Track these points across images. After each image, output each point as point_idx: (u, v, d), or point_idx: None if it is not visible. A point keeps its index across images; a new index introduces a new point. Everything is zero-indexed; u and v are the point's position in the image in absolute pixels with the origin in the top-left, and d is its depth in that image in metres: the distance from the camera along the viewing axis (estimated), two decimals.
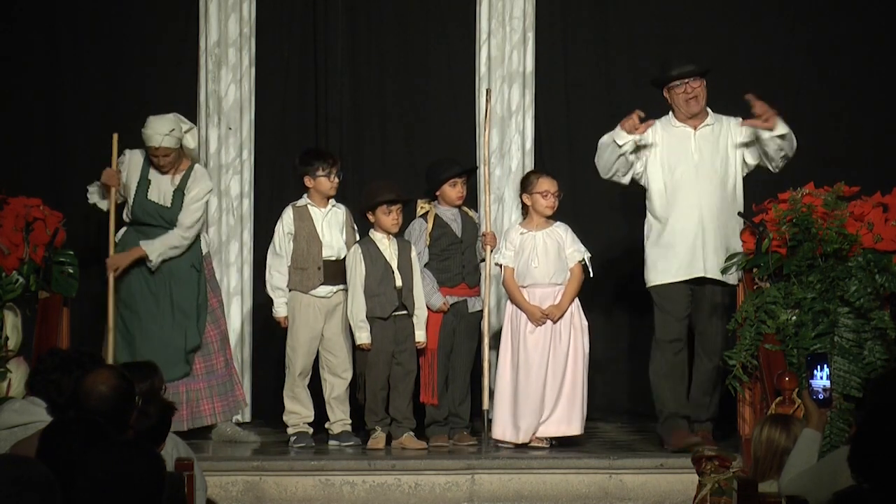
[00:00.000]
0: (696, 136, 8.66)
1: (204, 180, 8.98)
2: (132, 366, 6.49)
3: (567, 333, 8.74)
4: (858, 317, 8.03)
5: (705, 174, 8.59)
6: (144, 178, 8.95)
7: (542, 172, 9.04)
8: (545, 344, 8.72)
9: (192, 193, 8.91)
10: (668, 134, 8.68)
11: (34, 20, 9.79)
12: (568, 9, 9.92)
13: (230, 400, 9.01)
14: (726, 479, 6.32)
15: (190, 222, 8.91)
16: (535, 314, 8.73)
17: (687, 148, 8.64)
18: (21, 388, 7.67)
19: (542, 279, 8.77)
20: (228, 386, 9.01)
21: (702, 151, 8.63)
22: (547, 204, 8.81)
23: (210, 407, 8.94)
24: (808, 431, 5.41)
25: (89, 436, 4.65)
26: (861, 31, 9.78)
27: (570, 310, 8.77)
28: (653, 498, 8.24)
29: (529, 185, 8.86)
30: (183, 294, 8.90)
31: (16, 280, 8.41)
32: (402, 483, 8.29)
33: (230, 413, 9.05)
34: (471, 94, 9.75)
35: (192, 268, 8.95)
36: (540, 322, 8.72)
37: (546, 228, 8.85)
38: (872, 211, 8.23)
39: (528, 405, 8.67)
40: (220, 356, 8.98)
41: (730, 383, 8.21)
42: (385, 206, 8.84)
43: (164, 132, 8.80)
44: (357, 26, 9.91)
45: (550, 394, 8.69)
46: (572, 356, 8.73)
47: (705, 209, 8.55)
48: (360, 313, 8.78)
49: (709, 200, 8.56)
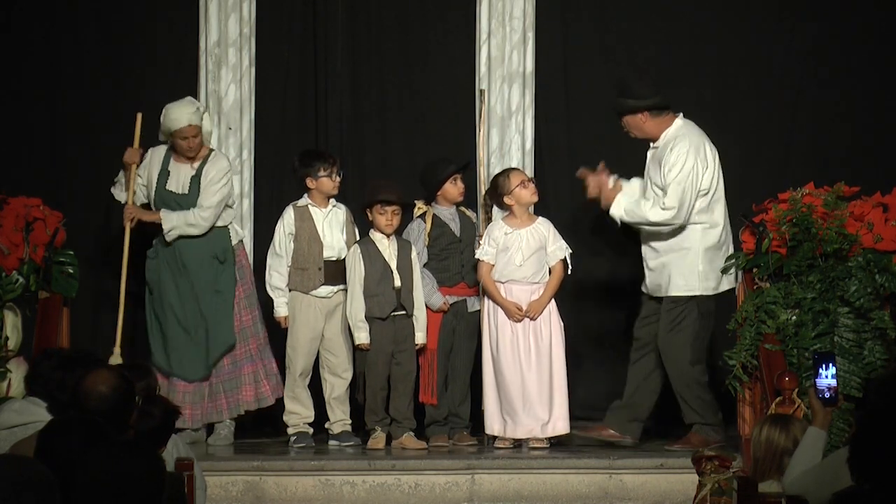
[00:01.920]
0: (649, 157, 8.82)
1: (219, 161, 8.99)
2: (128, 366, 6.49)
3: (548, 331, 8.73)
4: (858, 317, 8.03)
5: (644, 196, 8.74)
6: (164, 169, 8.99)
7: (505, 171, 9.03)
8: (522, 337, 8.70)
9: (209, 176, 8.92)
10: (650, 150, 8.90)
11: (34, 20, 9.79)
12: (568, 9, 9.92)
13: (232, 399, 8.98)
14: (726, 479, 6.32)
15: (208, 203, 8.90)
16: (513, 311, 8.73)
17: (646, 167, 8.82)
18: (21, 388, 7.68)
19: (521, 277, 8.77)
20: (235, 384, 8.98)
21: (649, 171, 8.76)
22: (531, 192, 8.83)
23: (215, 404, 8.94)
24: (812, 430, 5.40)
25: (89, 436, 4.66)
26: (861, 31, 9.77)
27: (549, 308, 8.76)
28: (653, 498, 8.23)
29: (504, 186, 8.84)
30: (203, 286, 8.89)
31: (16, 280, 8.41)
32: (402, 483, 8.29)
33: (231, 412, 9.01)
34: (471, 94, 9.74)
35: (215, 258, 8.92)
36: (517, 319, 8.72)
37: (530, 225, 8.84)
38: (872, 211, 8.23)
39: (512, 398, 8.67)
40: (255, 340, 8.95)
41: (730, 383, 8.21)
42: (380, 205, 8.84)
43: (190, 111, 8.88)
44: (357, 26, 9.91)
45: (539, 391, 8.69)
46: (556, 355, 8.73)
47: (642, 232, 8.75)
48: (359, 313, 8.78)
49: None
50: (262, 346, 9.02)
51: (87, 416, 4.98)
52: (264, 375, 8.97)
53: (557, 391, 8.73)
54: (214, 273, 8.94)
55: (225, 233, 9.01)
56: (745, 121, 9.75)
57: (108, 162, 9.19)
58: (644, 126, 8.72)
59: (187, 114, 8.86)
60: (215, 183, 8.92)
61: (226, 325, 8.92)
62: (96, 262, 9.46)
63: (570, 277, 8.97)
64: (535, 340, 8.73)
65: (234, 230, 9.11)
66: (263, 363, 8.99)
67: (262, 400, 8.98)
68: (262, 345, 9.02)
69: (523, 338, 8.73)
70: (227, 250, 8.97)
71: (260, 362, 8.97)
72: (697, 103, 9.48)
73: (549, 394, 8.70)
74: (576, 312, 9.48)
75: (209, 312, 8.91)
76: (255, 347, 8.97)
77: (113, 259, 9.14)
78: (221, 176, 8.95)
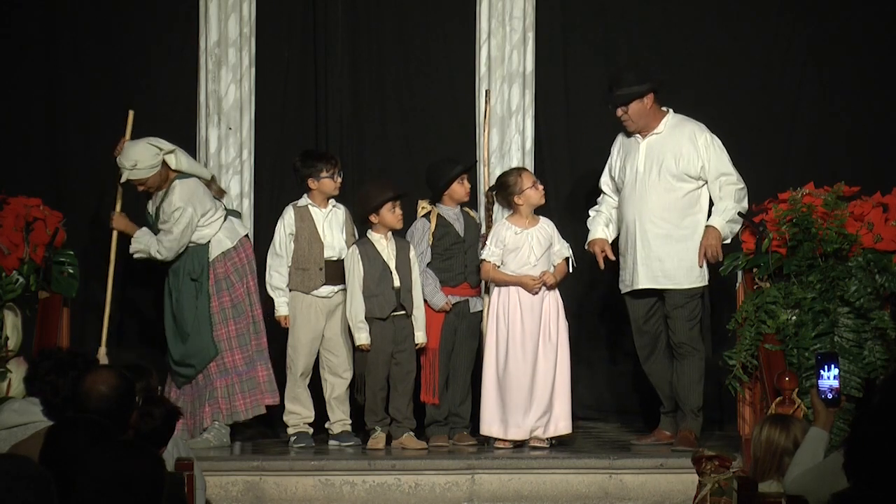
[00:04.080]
0: (643, 147, 8.74)
1: (172, 196, 8.86)
2: (128, 367, 6.49)
3: (556, 331, 8.73)
4: (858, 317, 8.03)
5: (644, 185, 8.68)
6: None
7: (516, 170, 9.03)
8: (531, 337, 8.70)
9: (169, 210, 8.85)
10: (626, 142, 8.84)
11: (34, 20, 9.79)
12: (568, 9, 9.91)
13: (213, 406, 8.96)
14: (726, 479, 6.32)
15: (165, 239, 8.86)
16: (529, 282, 8.71)
17: (634, 157, 8.73)
18: (21, 388, 7.66)
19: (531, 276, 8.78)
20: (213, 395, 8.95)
21: (649, 160, 8.68)
22: (540, 194, 8.84)
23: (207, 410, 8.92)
24: (814, 430, 5.39)
25: (93, 436, 4.65)
26: (861, 31, 9.77)
27: (557, 307, 8.75)
28: (653, 498, 8.23)
29: (516, 186, 8.84)
30: (181, 307, 8.90)
31: (16, 280, 8.41)
32: (402, 483, 8.29)
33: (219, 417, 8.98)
34: (471, 94, 9.75)
35: (192, 280, 8.92)
36: (535, 290, 8.70)
37: (536, 225, 8.84)
38: (872, 211, 8.23)
39: (517, 399, 8.67)
40: (230, 354, 8.92)
41: (730, 383, 8.21)
42: (390, 203, 8.84)
43: (128, 166, 8.81)
44: (357, 26, 9.91)
45: (544, 392, 8.69)
46: (562, 355, 8.73)
47: (640, 221, 8.66)
48: (359, 314, 8.78)
49: (646, 208, 8.64)
50: (250, 357, 8.97)
51: (92, 417, 4.98)
52: (240, 390, 8.92)
53: (562, 391, 8.72)
54: (194, 289, 8.94)
55: (201, 251, 8.97)
56: (745, 121, 9.75)
57: (107, 162, 9.18)
58: (648, 111, 8.70)
59: (126, 169, 8.79)
60: (174, 212, 8.83)
61: (206, 338, 8.89)
62: (96, 263, 9.45)
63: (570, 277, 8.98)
64: (544, 340, 8.73)
65: (238, 222, 9.07)
66: (241, 376, 8.94)
67: (235, 414, 8.94)
68: (250, 355, 8.97)
69: (531, 338, 8.71)
70: (203, 269, 8.95)
71: (235, 375, 8.93)
72: (697, 103, 9.47)
73: (551, 393, 8.69)
74: (576, 312, 9.47)
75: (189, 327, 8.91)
76: (239, 360, 8.91)
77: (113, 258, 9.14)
78: (179, 206, 8.83)
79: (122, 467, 4.19)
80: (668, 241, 8.62)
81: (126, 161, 8.83)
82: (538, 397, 8.69)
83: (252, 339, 8.95)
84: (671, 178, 8.63)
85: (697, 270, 8.63)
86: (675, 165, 8.63)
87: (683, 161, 8.62)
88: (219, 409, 8.86)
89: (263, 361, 8.95)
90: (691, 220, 8.65)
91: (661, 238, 8.63)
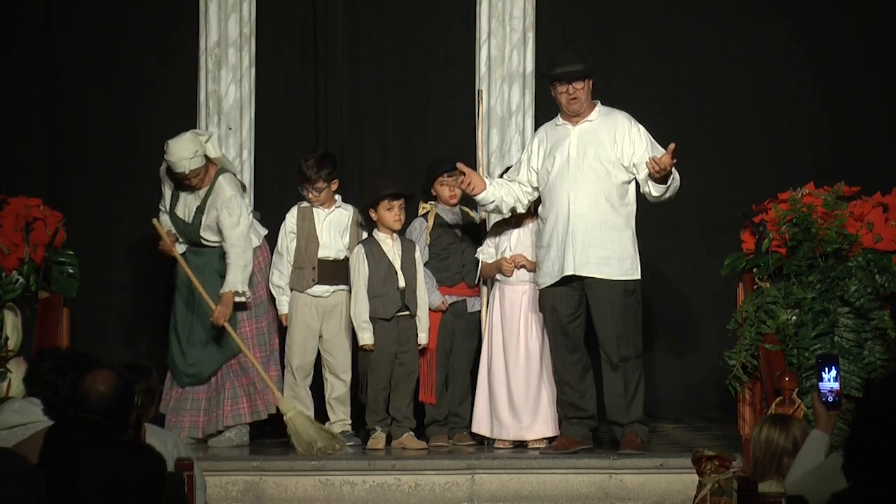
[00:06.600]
0: (576, 133, 8.51)
1: (224, 190, 8.82)
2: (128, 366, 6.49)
3: (540, 335, 8.72)
4: (858, 317, 8.03)
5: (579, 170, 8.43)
6: (175, 191, 8.96)
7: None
8: (533, 335, 8.70)
9: (222, 213, 8.77)
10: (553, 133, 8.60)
11: (34, 21, 9.79)
12: (568, 9, 9.92)
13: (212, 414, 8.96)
14: (726, 479, 6.31)
15: (233, 238, 8.78)
16: (507, 266, 8.67)
17: (565, 144, 8.49)
18: (21, 388, 7.66)
19: (517, 279, 8.75)
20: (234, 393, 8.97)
21: (578, 146, 8.47)
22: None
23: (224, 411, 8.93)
24: (815, 433, 5.38)
25: (93, 436, 4.66)
26: (861, 31, 9.78)
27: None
28: (653, 498, 8.24)
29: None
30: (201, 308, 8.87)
31: (16, 280, 8.41)
32: (402, 483, 8.29)
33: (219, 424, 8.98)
34: (471, 94, 9.75)
35: (221, 277, 8.87)
36: (510, 272, 8.67)
37: (532, 223, 8.83)
38: (872, 211, 8.23)
39: (516, 399, 8.67)
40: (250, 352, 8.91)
41: (730, 383, 8.21)
42: (387, 200, 8.82)
43: (188, 156, 8.71)
44: (357, 26, 9.91)
45: (541, 392, 8.69)
46: (547, 358, 8.72)
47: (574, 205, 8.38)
48: (363, 314, 8.77)
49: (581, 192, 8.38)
50: (266, 356, 8.98)
51: (92, 417, 4.98)
52: (260, 388, 8.92)
53: (546, 394, 8.70)
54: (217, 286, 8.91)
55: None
56: (744, 121, 9.75)
57: (107, 162, 9.19)
58: (590, 94, 8.54)
59: (186, 160, 8.70)
60: (232, 215, 8.78)
61: (221, 347, 8.90)
62: (96, 263, 9.46)
63: None
64: (527, 343, 8.71)
65: (255, 230, 9.05)
66: (249, 378, 8.93)
67: (256, 413, 8.94)
68: (267, 355, 8.98)
69: (530, 338, 8.70)
70: None
71: (245, 377, 8.93)
72: (697, 103, 9.48)
73: (550, 393, 8.69)
74: None
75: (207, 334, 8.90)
76: (258, 358, 8.90)
77: (113, 258, 9.14)
78: (233, 205, 8.80)
79: (122, 467, 4.20)
80: (603, 228, 8.35)
81: (185, 152, 8.68)
82: (534, 397, 8.69)
83: (270, 339, 8.98)
84: (607, 164, 8.39)
85: (630, 263, 8.41)
86: (610, 151, 8.40)
87: (617, 148, 8.40)
88: (240, 408, 8.88)
89: (274, 362, 8.98)
90: (626, 211, 8.45)
91: (596, 225, 8.35)
